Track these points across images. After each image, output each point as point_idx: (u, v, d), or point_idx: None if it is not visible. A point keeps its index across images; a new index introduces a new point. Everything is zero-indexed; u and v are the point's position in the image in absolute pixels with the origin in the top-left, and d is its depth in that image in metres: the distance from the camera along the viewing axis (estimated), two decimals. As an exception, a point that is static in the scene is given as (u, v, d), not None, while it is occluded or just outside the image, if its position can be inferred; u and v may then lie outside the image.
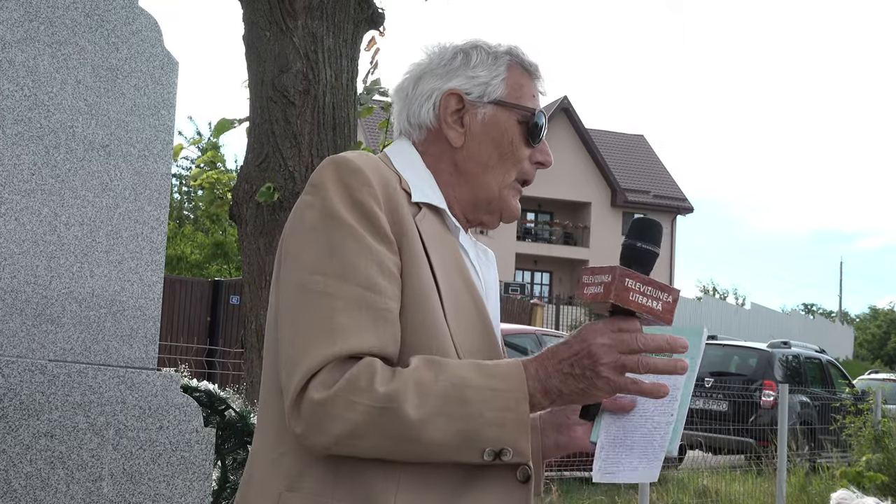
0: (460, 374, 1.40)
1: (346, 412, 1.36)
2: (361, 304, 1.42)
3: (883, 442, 9.54)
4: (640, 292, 1.41)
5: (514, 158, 1.64)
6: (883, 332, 59.14)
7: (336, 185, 1.48)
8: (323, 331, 1.40)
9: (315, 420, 1.38)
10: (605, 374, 1.40)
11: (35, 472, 2.72)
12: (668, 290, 1.42)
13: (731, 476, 9.99)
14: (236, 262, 25.59)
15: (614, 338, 1.41)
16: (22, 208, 2.86)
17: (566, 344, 1.44)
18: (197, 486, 3.03)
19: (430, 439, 1.37)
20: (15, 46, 2.88)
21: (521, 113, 1.64)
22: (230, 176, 6.74)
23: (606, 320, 1.44)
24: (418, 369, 1.40)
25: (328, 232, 1.45)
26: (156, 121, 3.19)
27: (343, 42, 5.02)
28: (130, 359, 3.06)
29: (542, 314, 21.97)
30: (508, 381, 1.40)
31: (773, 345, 14.46)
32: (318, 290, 1.42)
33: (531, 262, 40.38)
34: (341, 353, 1.39)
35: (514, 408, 1.39)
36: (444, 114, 1.63)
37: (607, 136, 43.75)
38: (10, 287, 2.82)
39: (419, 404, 1.36)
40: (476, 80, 1.63)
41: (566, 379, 1.41)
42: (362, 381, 1.37)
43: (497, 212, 1.67)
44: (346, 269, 1.43)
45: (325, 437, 1.38)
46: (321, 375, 1.38)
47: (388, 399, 1.36)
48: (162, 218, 3.18)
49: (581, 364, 1.41)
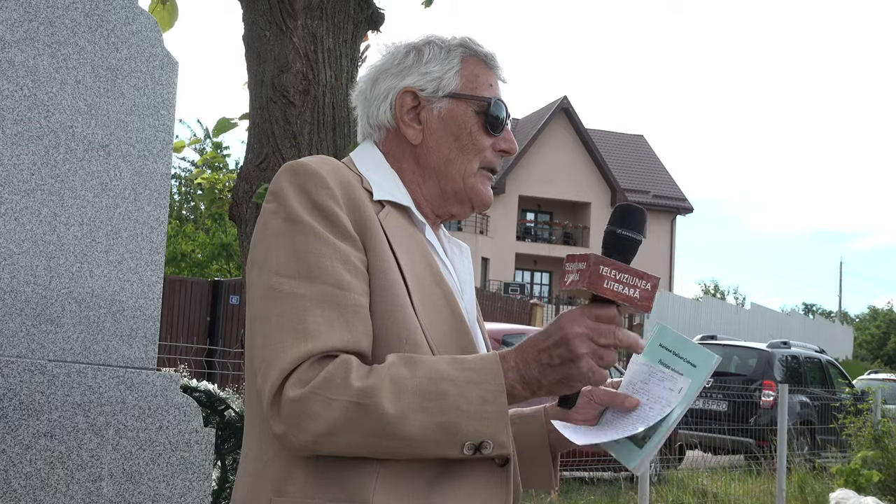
0: (437, 368, 1.40)
1: (324, 410, 1.36)
2: (331, 302, 1.42)
3: (882, 442, 9.54)
4: (616, 280, 1.39)
5: (475, 148, 1.64)
6: (882, 333, 59.16)
7: (294, 190, 1.49)
8: (294, 331, 1.41)
9: (294, 419, 1.38)
10: (582, 365, 1.39)
11: (35, 472, 2.72)
12: (646, 277, 1.40)
13: (730, 476, 9.99)
14: (238, 262, 25.59)
15: (591, 326, 1.40)
16: (22, 208, 2.86)
17: (544, 333, 1.42)
18: (197, 486, 3.03)
19: (408, 434, 1.37)
20: (14, 46, 2.88)
21: (478, 103, 1.64)
22: (230, 176, 6.74)
23: (583, 307, 1.42)
24: (394, 365, 1.40)
25: (291, 235, 1.47)
26: (155, 121, 3.19)
27: (343, 42, 5.02)
28: (130, 359, 3.06)
29: (541, 314, 21.98)
30: (485, 373, 1.40)
31: (772, 345, 14.45)
32: (286, 291, 1.43)
33: (531, 262, 40.36)
34: (314, 351, 1.39)
35: (493, 400, 1.38)
36: (401, 112, 1.64)
37: (607, 136, 43.74)
38: (10, 287, 2.82)
39: (396, 399, 1.36)
40: (429, 75, 1.64)
41: (544, 369, 1.41)
42: (338, 378, 1.37)
43: (467, 201, 1.67)
44: (313, 269, 1.44)
45: (305, 435, 1.38)
46: (296, 374, 1.39)
47: (364, 395, 1.36)
48: (162, 218, 3.18)
49: (559, 354, 1.40)
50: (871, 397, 11.11)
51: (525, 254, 39.58)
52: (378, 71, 1.68)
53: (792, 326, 34.37)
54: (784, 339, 16.92)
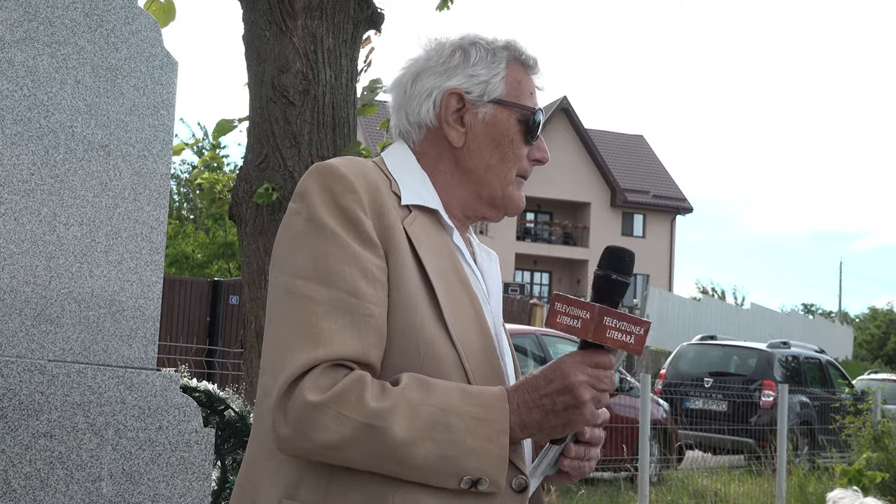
0: (447, 399, 1.40)
1: (335, 424, 1.36)
2: (343, 309, 1.41)
3: (882, 442, 9.54)
4: (617, 329, 1.44)
5: (515, 157, 1.64)
6: (882, 333, 59.15)
7: (321, 192, 1.48)
8: (306, 335, 1.40)
9: (303, 426, 1.37)
10: (586, 411, 1.44)
11: (34, 472, 2.72)
12: (640, 323, 1.45)
13: (730, 476, 9.99)
14: (238, 262, 25.59)
15: (592, 374, 1.44)
16: (21, 208, 2.86)
17: (545, 378, 1.45)
18: (196, 487, 3.03)
19: (412, 461, 1.38)
20: (14, 46, 2.88)
21: (521, 112, 1.64)
22: (229, 176, 6.74)
23: (583, 354, 1.46)
24: (409, 388, 1.39)
25: (313, 239, 1.46)
26: (155, 121, 3.19)
27: (343, 42, 5.02)
28: (130, 359, 3.06)
29: (541, 314, 21.97)
30: (492, 411, 1.41)
31: (772, 345, 14.45)
32: (300, 294, 1.43)
33: (531, 262, 40.38)
34: (325, 358, 1.38)
35: (496, 439, 1.40)
36: (445, 113, 1.62)
37: (607, 137, 43.75)
38: (10, 287, 2.82)
39: (407, 426, 1.37)
40: (476, 78, 1.63)
41: (547, 415, 1.44)
42: (352, 395, 1.37)
43: (502, 207, 1.67)
44: (329, 274, 1.43)
45: (310, 444, 1.38)
46: (310, 379, 1.38)
47: (378, 417, 1.36)
48: (161, 218, 3.18)
49: (563, 402, 1.43)
50: (871, 397, 11.11)
51: (525, 254, 39.60)
52: (420, 67, 1.66)
53: (792, 326, 34.38)
54: (784, 339, 16.91)
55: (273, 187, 4.77)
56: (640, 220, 41.30)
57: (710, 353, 14.25)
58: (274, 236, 4.74)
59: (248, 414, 4.06)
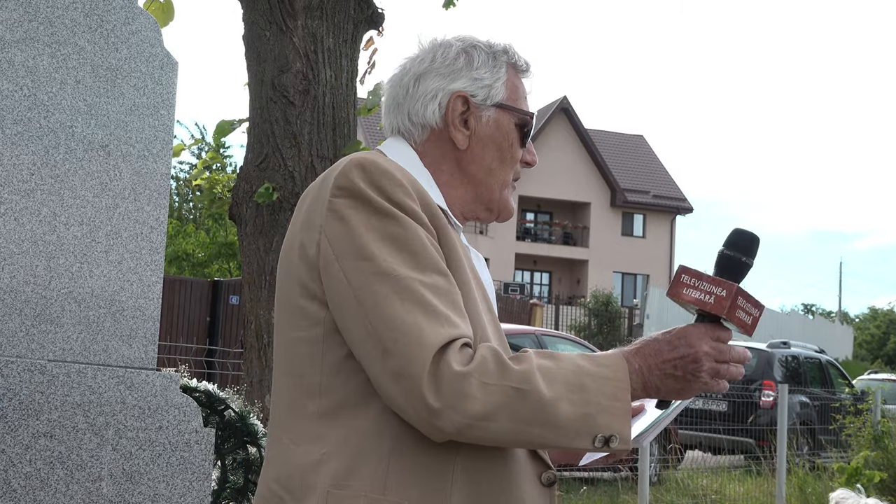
0: (575, 361, 1.46)
1: (482, 393, 1.38)
2: (444, 292, 1.45)
3: (882, 442, 9.53)
4: (744, 310, 1.52)
5: (513, 160, 1.69)
6: (882, 333, 59.14)
7: (370, 186, 1.48)
8: (428, 313, 1.40)
9: (454, 396, 1.37)
10: (704, 379, 1.50)
11: (34, 472, 2.72)
12: (759, 306, 1.54)
13: (730, 476, 9.99)
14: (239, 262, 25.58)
15: (714, 346, 1.51)
16: (21, 208, 2.86)
17: (669, 343, 1.51)
18: (196, 486, 3.03)
19: (557, 421, 1.41)
20: (14, 46, 2.88)
21: (520, 116, 1.68)
22: (229, 176, 6.75)
23: (707, 327, 1.52)
24: (538, 355, 1.45)
25: (384, 226, 1.45)
26: (155, 121, 3.19)
27: (343, 42, 5.02)
28: (130, 359, 3.06)
29: (541, 314, 21.96)
30: (617, 371, 1.47)
31: (772, 345, 14.44)
32: (403, 275, 1.42)
33: (531, 262, 40.36)
34: (458, 335, 1.41)
35: (622, 397, 1.45)
36: (452, 116, 1.64)
37: (607, 137, 43.73)
38: (10, 287, 2.82)
39: (549, 387, 1.41)
40: (480, 82, 1.65)
41: (666, 378, 1.50)
42: (493, 364, 1.40)
43: (496, 211, 1.71)
44: (419, 259, 1.45)
45: (461, 416, 1.38)
46: (453, 352, 1.39)
47: (524, 379, 1.40)
48: (161, 218, 3.18)
49: (685, 367, 1.50)
50: (871, 397, 11.10)
51: (525, 254, 39.58)
52: (425, 67, 1.66)
53: (792, 326, 34.35)
54: (784, 339, 16.90)
55: (273, 187, 4.77)
56: (640, 220, 41.29)
57: (710, 353, 14.22)
58: (274, 236, 4.75)
59: (249, 414, 4.05)
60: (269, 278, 4.77)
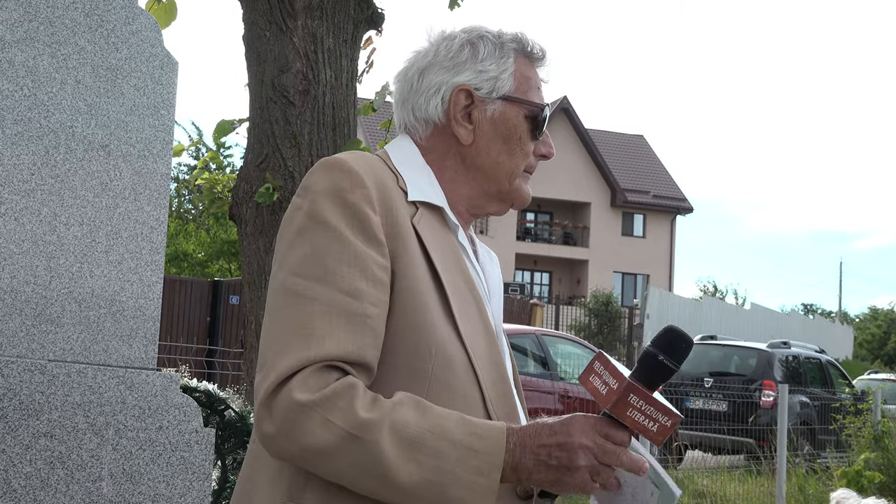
0: (442, 424, 1.35)
1: (321, 429, 1.32)
2: (339, 309, 1.38)
3: (882, 442, 9.54)
4: (641, 411, 1.36)
5: (523, 153, 1.62)
6: (883, 332, 59.17)
7: (327, 187, 1.45)
8: (299, 334, 1.37)
9: (289, 427, 1.33)
10: (581, 476, 1.36)
11: (35, 472, 2.72)
12: (669, 413, 1.36)
13: (730, 476, 9.99)
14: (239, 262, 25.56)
15: (598, 443, 1.36)
16: (22, 208, 2.86)
17: (550, 428, 1.38)
18: (197, 486, 3.03)
19: (395, 481, 1.33)
20: (14, 46, 2.88)
21: (530, 108, 1.61)
22: (229, 176, 6.75)
23: (598, 420, 1.38)
24: (402, 405, 1.35)
25: (314, 235, 1.42)
26: (155, 121, 3.19)
27: (343, 42, 5.02)
28: (130, 359, 3.06)
29: (541, 314, 21.98)
30: (489, 444, 1.35)
31: (772, 345, 14.45)
32: (297, 292, 1.40)
33: (531, 262, 40.38)
34: (316, 358, 1.35)
35: (487, 473, 1.34)
36: (454, 110, 1.59)
37: (607, 136, 43.75)
38: (10, 287, 2.82)
39: (396, 443, 1.32)
40: (485, 74, 1.59)
41: (539, 465, 1.36)
42: (342, 401, 1.33)
43: (508, 201, 1.66)
44: (328, 273, 1.40)
45: (294, 446, 1.34)
46: (300, 378, 1.34)
47: (365, 429, 1.32)
48: (162, 218, 3.18)
49: (558, 457, 1.36)
50: (871, 397, 11.11)
51: (525, 254, 39.60)
52: (429, 61, 1.62)
53: (792, 326, 34.35)
54: (784, 339, 16.91)
55: (274, 187, 4.77)
56: (640, 220, 41.31)
57: (710, 353, 14.25)
58: (275, 236, 4.75)
59: (249, 414, 4.06)
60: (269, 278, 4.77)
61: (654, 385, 1.38)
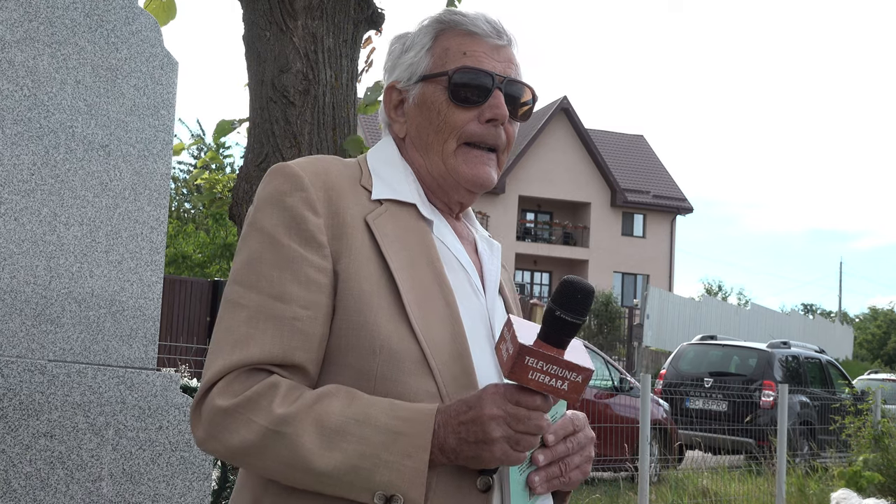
0: (367, 411, 1.35)
1: (242, 429, 1.35)
2: (266, 314, 1.40)
3: (882, 442, 9.53)
4: (543, 371, 1.29)
5: (448, 127, 1.54)
6: (883, 333, 59.18)
7: (268, 193, 1.48)
8: (227, 340, 1.41)
9: (214, 430, 1.38)
10: (496, 449, 1.33)
11: (35, 472, 2.72)
12: (577, 369, 1.29)
13: (730, 476, 9.99)
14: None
15: (509, 411, 1.32)
16: (22, 208, 2.86)
17: (466, 404, 1.35)
18: (197, 486, 3.03)
19: (319, 470, 1.33)
20: (15, 46, 2.88)
21: (442, 78, 1.55)
22: (229, 176, 6.75)
23: (507, 388, 1.33)
24: (329, 396, 1.36)
25: (251, 242, 1.46)
26: (155, 121, 3.19)
27: (343, 42, 5.02)
28: (130, 359, 3.06)
29: (541, 314, 21.95)
30: (414, 426, 1.34)
31: (772, 345, 14.45)
32: (233, 300, 1.44)
33: (531, 262, 40.37)
34: (239, 363, 1.38)
35: (413, 455, 1.33)
36: (388, 109, 1.63)
37: (607, 137, 43.75)
38: (10, 287, 2.82)
39: (316, 434, 1.33)
40: (405, 64, 1.59)
41: (461, 443, 1.34)
42: (263, 400, 1.36)
43: (455, 185, 1.57)
44: (259, 279, 1.43)
45: (222, 448, 1.38)
46: (222, 384, 1.38)
47: (283, 423, 1.34)
48: (161, 218, 3.18)
49: (473, 432, 1.33)
50: (871, 397, 11.10)
51: (525, 254, 39.59)
52: (384, 69, 1.68)
53: (792, 326, 34.36)
54: (784, 339, 16.92)
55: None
56: (640, 220, 41.30)
57: (710, 353, 14.26)
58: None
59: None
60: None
61: (563, 343, 1.31)
